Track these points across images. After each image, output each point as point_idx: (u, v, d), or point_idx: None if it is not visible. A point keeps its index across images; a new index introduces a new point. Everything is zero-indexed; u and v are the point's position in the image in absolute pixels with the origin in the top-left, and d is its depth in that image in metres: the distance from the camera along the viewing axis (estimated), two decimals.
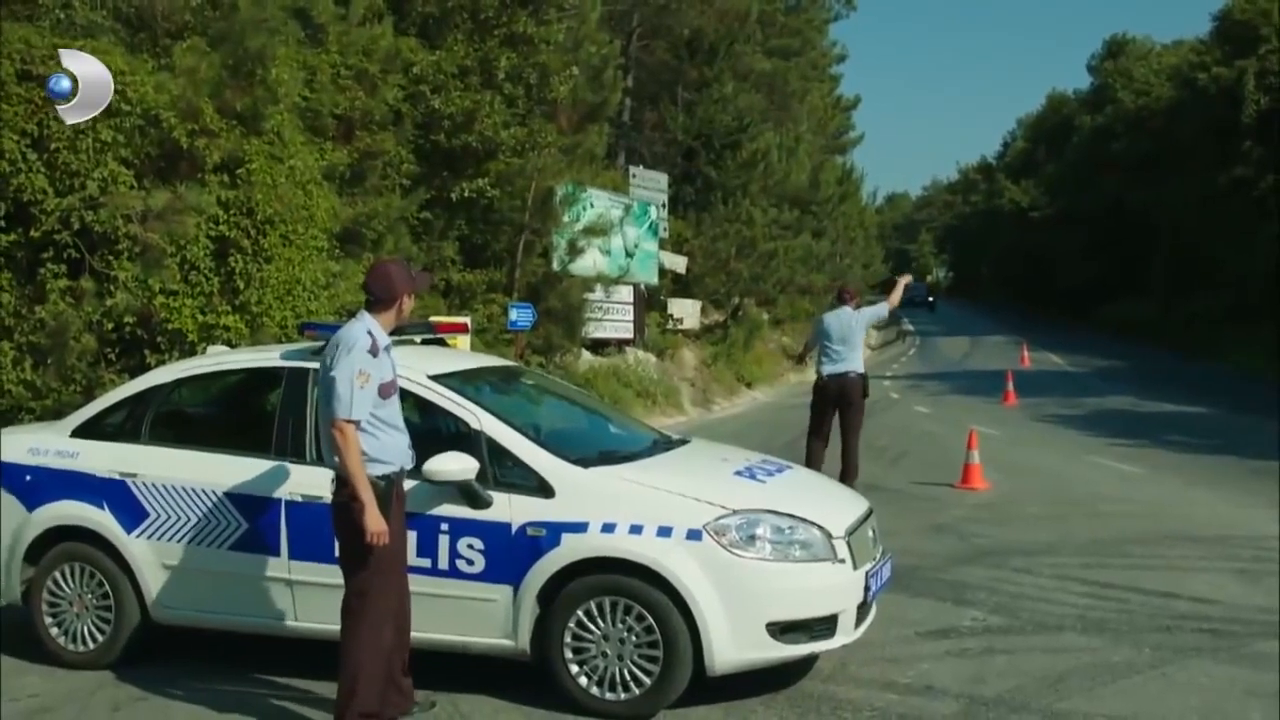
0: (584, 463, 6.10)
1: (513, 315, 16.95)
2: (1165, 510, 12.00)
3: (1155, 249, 49.69)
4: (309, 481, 6.06)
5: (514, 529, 5.84)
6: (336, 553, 5.65)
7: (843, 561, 5.93)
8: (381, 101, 15.92)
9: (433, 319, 14.29)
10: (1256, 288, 36.68)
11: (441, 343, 7.61)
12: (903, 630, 7.29)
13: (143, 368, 10.48)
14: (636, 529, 5.74)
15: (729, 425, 21.14)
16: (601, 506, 5.83)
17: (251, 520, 6.24)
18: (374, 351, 5.39)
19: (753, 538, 5.80)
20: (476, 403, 6.23)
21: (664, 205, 26.90)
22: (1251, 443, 17.29)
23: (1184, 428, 19.51)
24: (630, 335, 23.71)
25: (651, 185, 26.55)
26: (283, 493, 6.17)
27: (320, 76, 14.58)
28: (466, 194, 18.01)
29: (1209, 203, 42.94)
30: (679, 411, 22.37)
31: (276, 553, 6.19)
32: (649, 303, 25.71)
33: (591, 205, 21.12)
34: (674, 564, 5.66)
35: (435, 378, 6.30)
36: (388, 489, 5.39)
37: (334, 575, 5.69)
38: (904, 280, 13.09)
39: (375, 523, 5.26)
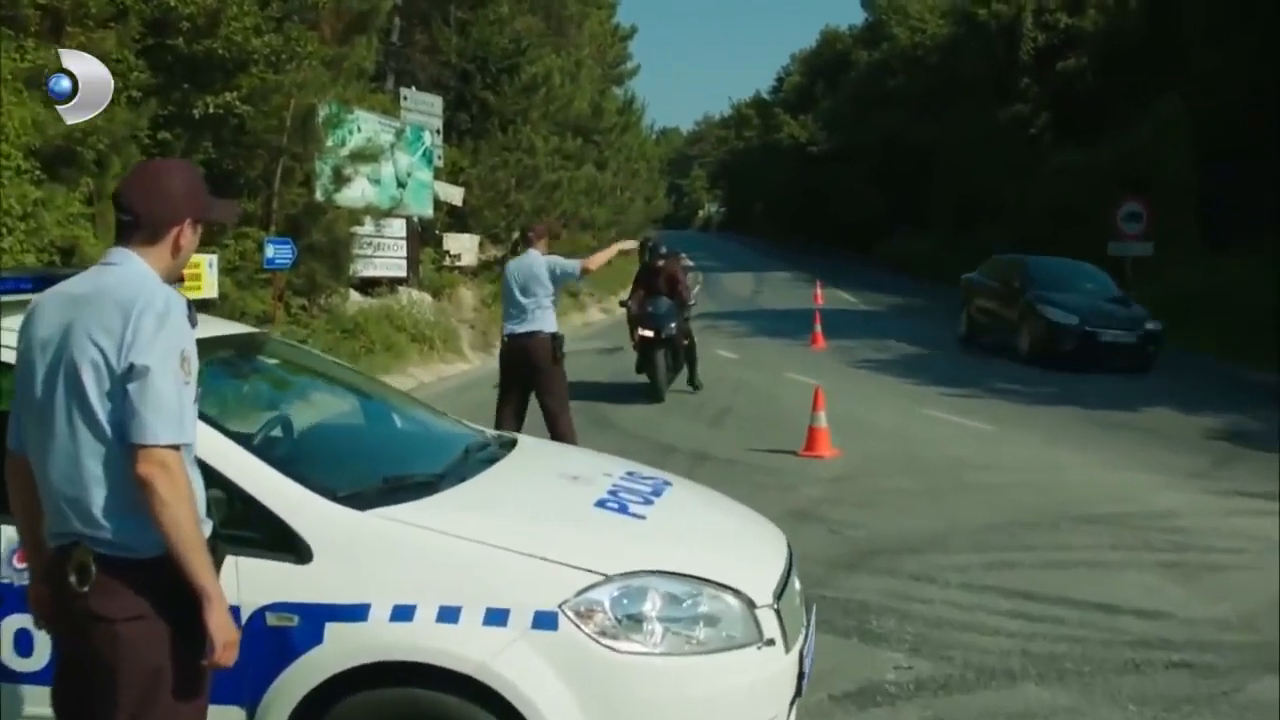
0: (360, 500, 3.75)
1: (269, 252, 14.76)
2: (1039, 480, 10.39)
3: (936, 184, 49.41)
4: None
5: (245, 615, 3.50)
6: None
7: (771, 643, 3.80)
8: None
9: None
10: (1035, 224, 36.35)
11: None
12: (813, 693, 5.24)
13: None
14: (450, 614, 3.47)
15: None
16: (390, 575, 3.54)
17: None
18: (193, 320, 3.04)
19: (637, 618, 3.61)
20: None
21: (438, 131, 24.57)
22: (1086, 392, 15.99)
23: (1007, 374, 18.14)
24: (403, 273, 21.35)
25: (425, 109, 24.18)
26: None
27: None
28: (212, 110, 15.23)
29: (988, 139, 42.75)
30: (459, 358, 20.06)
31: None
32: (423, 238, 23.40)
33: (359, 129, 18.67)
34: (512, 670, 3.43)
35: None
36: (220, 561, 3.06)
37: None
38: (622, 246, 10.64)
39: (227, 629, 2.92)
